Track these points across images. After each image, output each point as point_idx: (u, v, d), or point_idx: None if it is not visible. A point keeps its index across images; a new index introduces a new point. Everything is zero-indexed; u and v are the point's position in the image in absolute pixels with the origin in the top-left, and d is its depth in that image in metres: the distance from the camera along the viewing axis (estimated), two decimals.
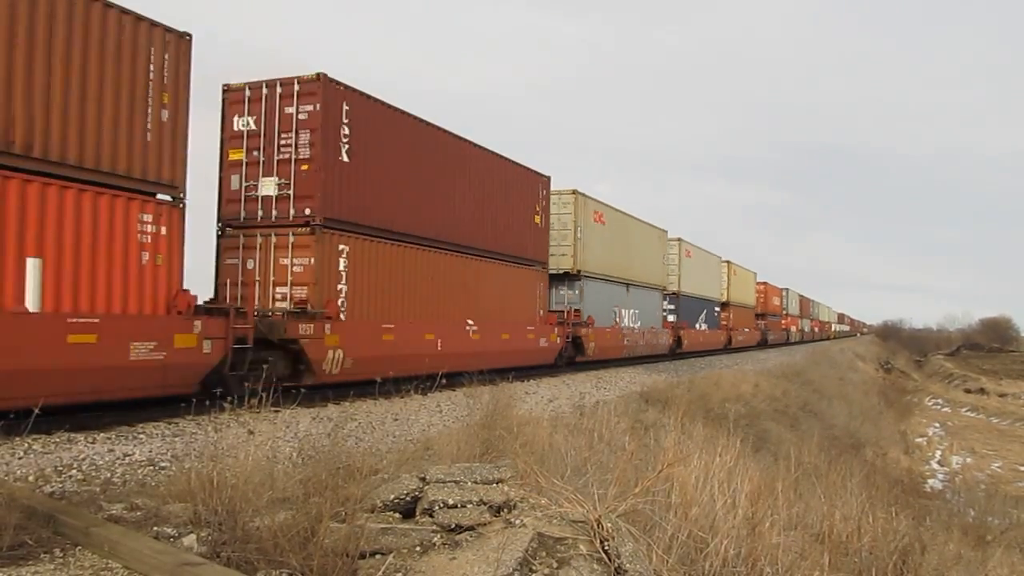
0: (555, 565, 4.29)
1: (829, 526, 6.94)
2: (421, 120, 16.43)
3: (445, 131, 17.34)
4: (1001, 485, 26.48)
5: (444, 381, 14.90)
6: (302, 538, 4.52)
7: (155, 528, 5.09)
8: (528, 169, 21.21)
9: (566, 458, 7.34)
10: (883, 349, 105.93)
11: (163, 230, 10.80)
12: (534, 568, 4.22)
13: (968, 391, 62.53)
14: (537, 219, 21.38)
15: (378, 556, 4.54)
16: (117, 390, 9.99)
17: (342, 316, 13.88)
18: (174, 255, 11.01)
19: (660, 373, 26.23)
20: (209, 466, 5.41)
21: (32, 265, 8.99)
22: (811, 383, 36.66)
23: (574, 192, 24.14)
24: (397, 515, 5.28)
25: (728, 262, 46.00)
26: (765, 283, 58.57)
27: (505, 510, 5.07)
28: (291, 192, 13.63)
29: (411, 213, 15.86)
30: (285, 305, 13.51)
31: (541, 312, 21.65)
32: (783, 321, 64.42)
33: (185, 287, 11.22)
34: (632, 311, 29.20)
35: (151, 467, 7.84)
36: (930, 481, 28.96)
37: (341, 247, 13.90)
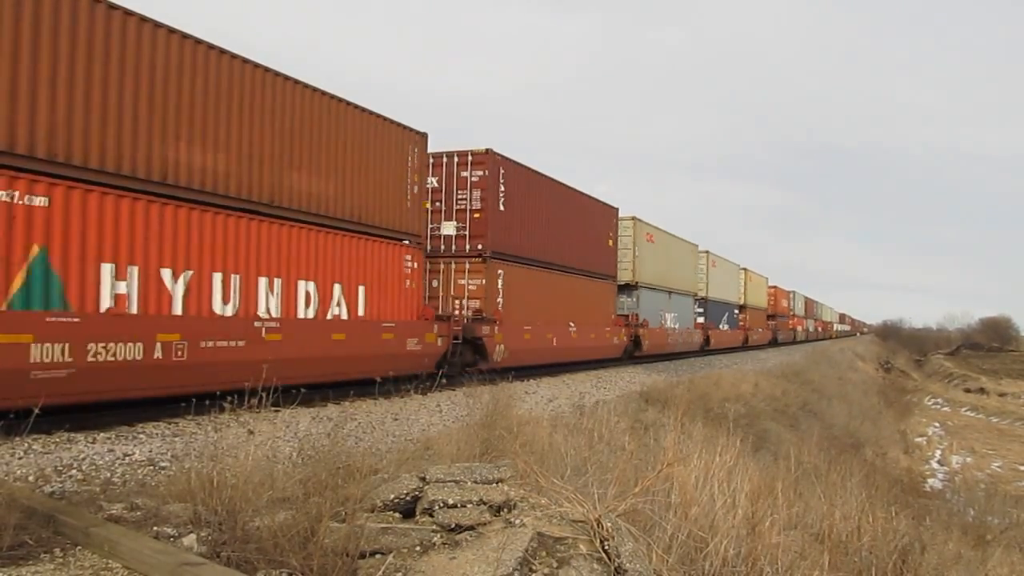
0: (555, 565, 4.29)
1: (829, 526, 6.94)
2: (544, 175, 21.65)
3: (557, 181, 22.56)
4: (1001, 484, 26.49)
5: (444, 381, 15.08)
6: (302, 538, 4.51)
7: (155, 528, 5.09)
8: (605, 204, 26.68)
9: (566, 458, 7.34)
10: (883, 349, 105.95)
11: (415, 265, 16.31)
12: (534, 568, 4.22)
13: (968, 391, 62.60)
14: (610, 242, 27.51)
15: (378, 556, 4.54)
16: (401, 369, 15.39)
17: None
18: (420, 281, 16.55)
19: (660, 373, 26.28)
20: (209, 466, 5.41)
21: (361, 289, 14.57)
22: (811, 383, 36.68)
23: (633, 218, 29.84)
24: (397, 515, 5.28)
25: (745, 269, 50.85)
26: (775, 287, 62.66)
27: (505, 510, 5.07)
28: (467, 232, 18.96)
29: (538, 244, 21.60)
30: (461, 313, 18.78)
31: (612, 316, 27.46)
32: (791, 321, 69.46)
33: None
34: (673, 314, 34.52)
35: (151, 467, 7.84)
36: (930, 481, 28.97)
37: (499, 271, 19.36)
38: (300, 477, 5.80)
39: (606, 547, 4.46)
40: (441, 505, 5.09)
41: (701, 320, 39.54)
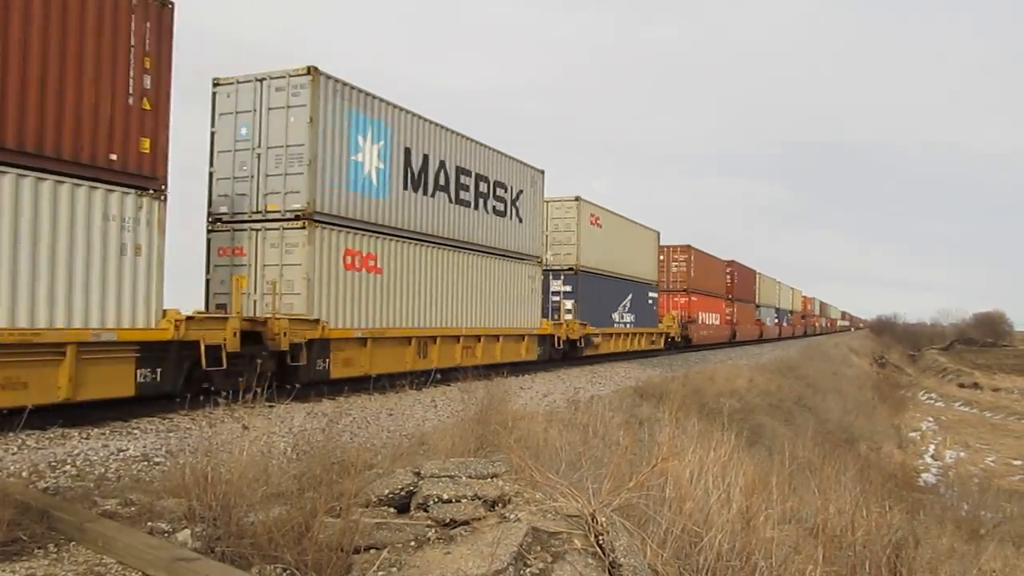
0: (550, 559, 4.30)
1: (823, 520, 6.95)
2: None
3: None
4: (994, 479, 26.62)
5: (439, 376, 15.07)
6: (297, 533, 4.51)
7: (149, 523, 5.08)
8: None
9: (561, 453, 7.35)
10: (877, 344, 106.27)
11: (724, 305, 49.01)
12: (529, 562, 4.22)
13: (962, 386, 62.79)
14: (754, 286, 57.04)
15: (373, 551, 4.55)
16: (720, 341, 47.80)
17: None
18: (726, 309, 48.80)
19: (655, 368, 26.31)
20: (203, 461, 5.39)
21: (717, 315, 45.96)
22: (805, 378, 36.76)
23: (759, 274, 56.31)
24: (392, 510, 5.27)
25: (792, 288, 77.96)
26: (804, 296, 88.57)
27: (500, 505, 5.08)
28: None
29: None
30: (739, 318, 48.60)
31: (755, 319, 55.57)
32: (812, 320, 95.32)
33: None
34: (768, 318, 61.94)
35: (145, 462, 7.82)
36: (924, 475, 29.09)
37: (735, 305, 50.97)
38: (295, 472, 5.80)
39: (601, 542, 4.47)
40: (436, 500, 5.09)
41: (777, 320, 67.37)
